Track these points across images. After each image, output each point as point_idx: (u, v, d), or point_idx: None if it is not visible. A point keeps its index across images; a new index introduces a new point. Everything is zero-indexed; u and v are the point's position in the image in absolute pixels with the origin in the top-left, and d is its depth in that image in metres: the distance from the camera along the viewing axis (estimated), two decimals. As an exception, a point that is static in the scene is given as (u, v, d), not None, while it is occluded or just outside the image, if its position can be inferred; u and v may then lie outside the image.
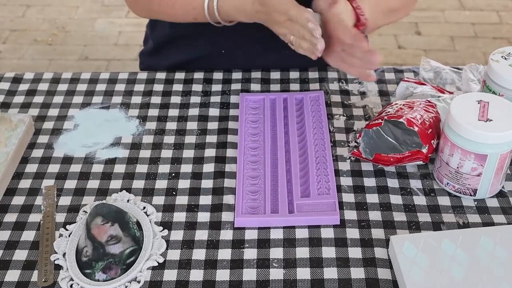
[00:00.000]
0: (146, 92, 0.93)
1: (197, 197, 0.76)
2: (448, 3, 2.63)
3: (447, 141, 0.73)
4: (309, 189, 0.75)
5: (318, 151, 0.81)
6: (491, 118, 0.71)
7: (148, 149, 0.83)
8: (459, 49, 2.35)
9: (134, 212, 0.73)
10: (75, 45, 2.40)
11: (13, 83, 0.95)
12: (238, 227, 0.72)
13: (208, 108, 0.90)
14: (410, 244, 0.67)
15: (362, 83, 0.94)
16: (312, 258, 0.69)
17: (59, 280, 0.67)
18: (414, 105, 0.79)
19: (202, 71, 0.97)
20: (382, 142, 0.78)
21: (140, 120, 0.88)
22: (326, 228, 0.72)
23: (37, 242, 0.71)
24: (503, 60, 0.80)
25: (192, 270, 0.68)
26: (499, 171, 0.73)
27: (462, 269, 0.65)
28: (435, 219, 0.73)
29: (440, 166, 0.76)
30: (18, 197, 0.77)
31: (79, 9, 2.61)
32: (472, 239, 0.68)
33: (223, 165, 0.81)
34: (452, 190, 0.76)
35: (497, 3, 2.61)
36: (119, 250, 0.68)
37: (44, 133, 0.86)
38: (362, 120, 0.88)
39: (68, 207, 0.75)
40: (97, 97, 0.92)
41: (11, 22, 2.52)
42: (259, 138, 0.84)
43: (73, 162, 0.81)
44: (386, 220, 0.73)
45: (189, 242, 0.71)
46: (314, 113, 0.87)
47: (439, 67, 0.94)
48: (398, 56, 2.30)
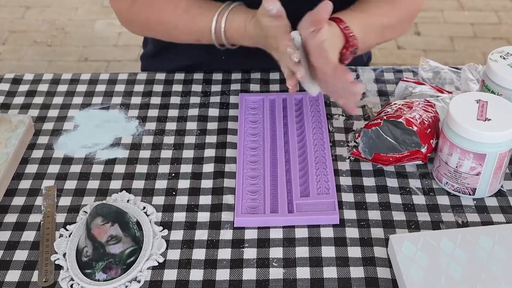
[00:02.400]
0: (146, 93, 0.94)
1: (197, 197, 0.76)
2: (447, 3, 2.63)
3: (446, 141, 0.73)
4: (309, 189, 0.76)
5: (317, 151, 0.81)
6: (489, 118, 0.71)
7: (148, 150, 0.83)
8: (458, 49, 2.35)
9: (134, 212, 0.74)
10: (75, 46, 2.40)
11: (13, 84, 0.96)
12: (237, 226, 0.72)
13: (208, 108, 0.90)
14: (409, 243, 0.67)
15: (361, 83, 0.94)
16: (311, 258, 0.69)
17: (59, 280, 0.67)
18: (413, 105, 0.80)
19: (201, 72, 0.97)
20: (381, 142, 0.79)
21: (140, 120, 0.89)
22: (326, 228, 0.72)
23: (38, 242, 0.71)
24: (501, 60, 0.80)
25: (192, 270, 0.68)
26: (498, 170, 0.73)
27: (461, 268, 0.65)
28: (434, 219, 0.73)
29: (439, 165, 0.76)
30: (18, 197, 0.77)
31: (79, 10, 2.61)
32: (471, 238, 0.68)
33: (222, 165, 0.81)
34: (451, 190, 0.76)
35: (496, 3, 2.62)
36: (119, 250, 0.68)
37: (44, 133, 0.86)
38: (362, 120, 0.88)
39: (68, 208, 0.75)
40: (97, 98, 0.93)
41: (10, 24, 2.53)
42: (258, 138, 0.84)
43: (73, 163, 0.82)
44: (386, 219, 0.73)
45: (189, 242, 0.71)
46: (313, 113, 0.87)
47: (438, 67, 0.94)
48: (398, 56, 2.31)
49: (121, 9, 0.91)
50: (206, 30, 0.84)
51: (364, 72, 0.97)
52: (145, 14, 0.89)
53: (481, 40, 2.39)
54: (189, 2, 0.86)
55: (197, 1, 0.87)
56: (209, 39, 0.85)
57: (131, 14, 0.90)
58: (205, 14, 0.84)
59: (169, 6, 0.87)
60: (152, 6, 0.88)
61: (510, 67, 0.79)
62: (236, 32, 0.83)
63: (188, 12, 0.86)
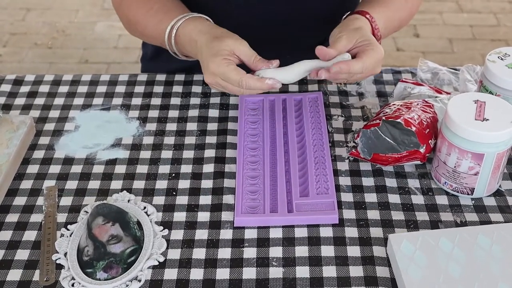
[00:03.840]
0: (146, 94, 0.94)
1: (197, 197, 0.77)
2: (446, 5, 2.64)
3: (445, 141, 0.74)
4: (308, 189, 0.76)
5: (317, 151, 0.81)
6: (487, 118, 0.72)
7: (148, 150, 0.84)
8: (457, 51, 2.36)
9: (135, 212, 0.74)
10: (75, 49, 2.40)
11: (14, 85, 0.96)
12: (237, 226, 0.73)
13: (208, 109, 0.91)
14: (408, 242, 0.68)
15: (360, 84, 0.95)
16: (311, 257, 0.69)
17: (60, 279, 0.67)
18: (412, 106, 0.80)
19: (201, 73, 0.98)
20: (380, 142, 0.79)
21: (140, 121, 0.89)
22: (325, 227, 0.73)
23: (39, 242, 0.72)
24: (499, 61, 0.81)
25: (193, 269, 0.68)
26: (496, 170, 0.74)
27: (460, 267, 0.65)
28: (433, 218, 0.74)
29: (437, 165, 0.77)
30: (19, 197, 0.77)
31: (79, 12, 2.62)
32: (469, 238, 0.68)
33: (222, 165, 0.81)
34: (450, 189, 0.77)
35: (495, 5, 2.62)
36: (120, 249, 0.68)
37: (45, 134, 0.87)
38: (361, 120, 0.88)
39: (69, 208, 0.76)
40: (98, 99, 0.93)
41: (11, 26, 2.53)
42: (258, 139, 0.84)
43: (74, 163, 0.82)
44: (385, 219, 0.74)
45: (189, 241, 0.71)
46: (313, 114, 0.88)
47: (436, 68, 0.95)
48: (397, 58, 2.31)
49: (115, 7, 0.95)
50: (161, 37, 0.85)
51: (363, 73, 0.97)
52: (127, 15, 0.92)
53: (480, 42, 2.40)
54: (161, 6, 0.88)
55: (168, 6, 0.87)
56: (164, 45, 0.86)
57: (119, 12, 0.94)
58: (163, 23, 0.84)
59: (143, 9, 0.89)
60: (131, 8, 0.90)
61: (507, 68, 0.80)
62: (184, 40, 0.83)
63: (156, 15, 0.87)
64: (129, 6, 0.91)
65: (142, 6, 0.89)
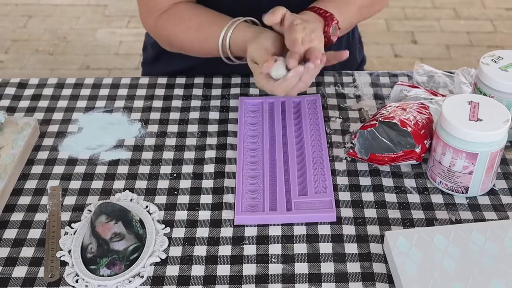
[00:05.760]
0: (148, 96, 0.96)
1: (198, 196, 0.78)
2: (443, 12, 2.66)
3: (440, 141, 0.76)
4: (307, 188, 0.78)
5: (315, 152, 0.83)
6: (481, 118, 0.74)
7: (150, 151, 0.86)
8: (454, 57, 2.38)
9: (137, 211, 0.76)
10: (77, 55, 2.43)
11: (18, 88, 0.98)
12: (238, 224, 0.75)
13: (208, 111, 0.93)
14: (404, 239, 0.69)
15: (357, 87, 0.97)
16: (309, 254, 0.71)
17: (65, 276, 0.69)
18: (408, 107, 0.82)
19: (202, 76, 1.00)
20: (377, 142, 0.81)
21: (142, 123, 0.91)
22: (323, 225, 0.74)
23: (43, 240, 0.73)
24: (493, 63, 0.83)
25: (194, 266, 0.70)
26: (489, 169, 0.75)
27: (454, 263, 0.67)
28: (428, 216, 0.75)
29: (433, 165, 0.79)
30: (24, 197, 0.79)
31: (80, 19, 2.64)
32: (464, 235, 0.70)
33: (223, 165, 0.83)
34: (445, 188, 0.78)
35: (492, 12, 2.65)
36: (123, 247, 0.70)
37: (49, 135, 0.88)
38: (358, 122, 0.90)
39: (73, 207, 0.77)
40: (100, 101, 0.95)
41: (13, 33, 2.55)
42: (258, 140, 0.86)
43: (78, 164, 0.84)
44: (381, 217, 0.75)
45: (190, 239, 0.73)
46: (311, 116, 0.89)
47: (432, 71, 0.96)
48: (395, 64, 2.34)
49: (148, 29, 0.99)
50: (214, 51, 0.90)
51: (360, 76, 0.99)
52: (166, 37, 0.95)
53: (477, 49, 2.42)
54: (199, 22, 0.91)
55: (205, 20, 0.91)
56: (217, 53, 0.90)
57: (155, 35, 0.98)
58: (211, 38, 0.89)
59: (182, 27, 0.92)
60: (167, 29, 0.94)
61: (501, 70, 0.82)
62: (239, 49, 0.88)
63: (199, 32, 0.91)
64: (166, 28, 0.94)
65: (178, 24, 0.92)
